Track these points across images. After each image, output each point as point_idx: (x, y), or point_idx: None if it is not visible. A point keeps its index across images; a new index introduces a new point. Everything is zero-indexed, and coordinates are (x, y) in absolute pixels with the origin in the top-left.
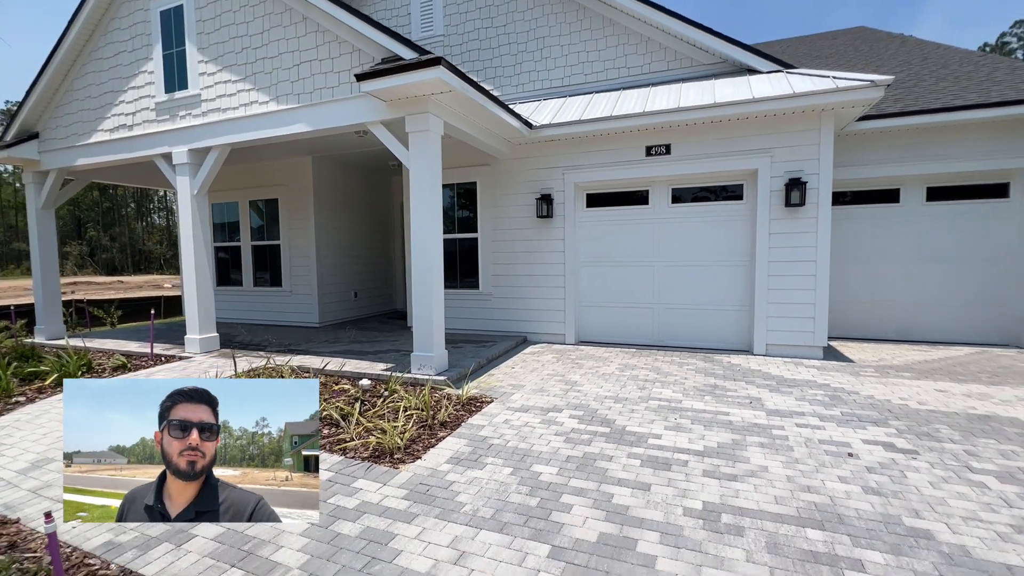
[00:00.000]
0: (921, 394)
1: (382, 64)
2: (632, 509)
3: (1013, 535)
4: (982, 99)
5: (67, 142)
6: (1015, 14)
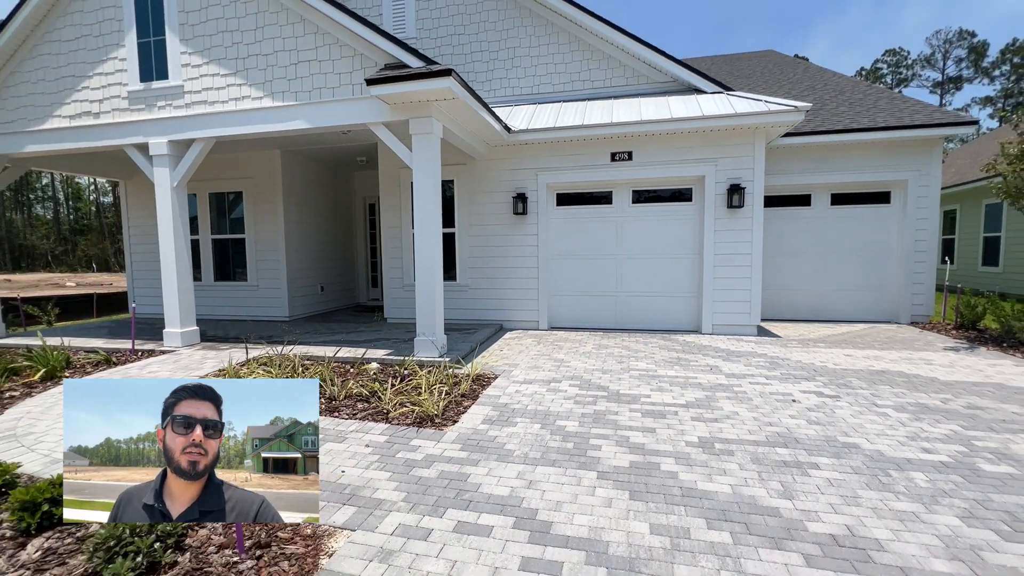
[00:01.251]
0: (834, 358)
1: (394, 71)
2: (647, 445)
3: (908, 442)
4: (870, 124)
5: (12, 127)
6: (886, 43)
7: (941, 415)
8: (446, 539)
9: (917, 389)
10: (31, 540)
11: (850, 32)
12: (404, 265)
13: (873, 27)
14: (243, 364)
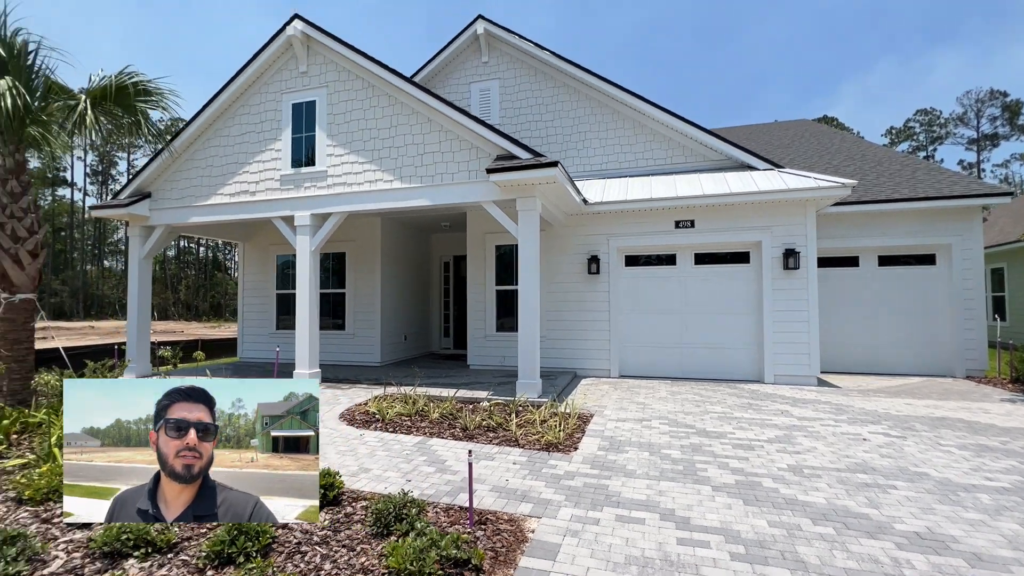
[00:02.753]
0: (895, 406)
1: (508, 162)
2: (745, 468)
3: (972, 472)
4: (911, 194)
5: (181, 202)
6: (914, 101)
7: (1000, 453)
8: (612, 524)
9: (977, 433)
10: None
11: (877, 91)
12: (487, 318)
13: (900, 86)
14: (381, 398)
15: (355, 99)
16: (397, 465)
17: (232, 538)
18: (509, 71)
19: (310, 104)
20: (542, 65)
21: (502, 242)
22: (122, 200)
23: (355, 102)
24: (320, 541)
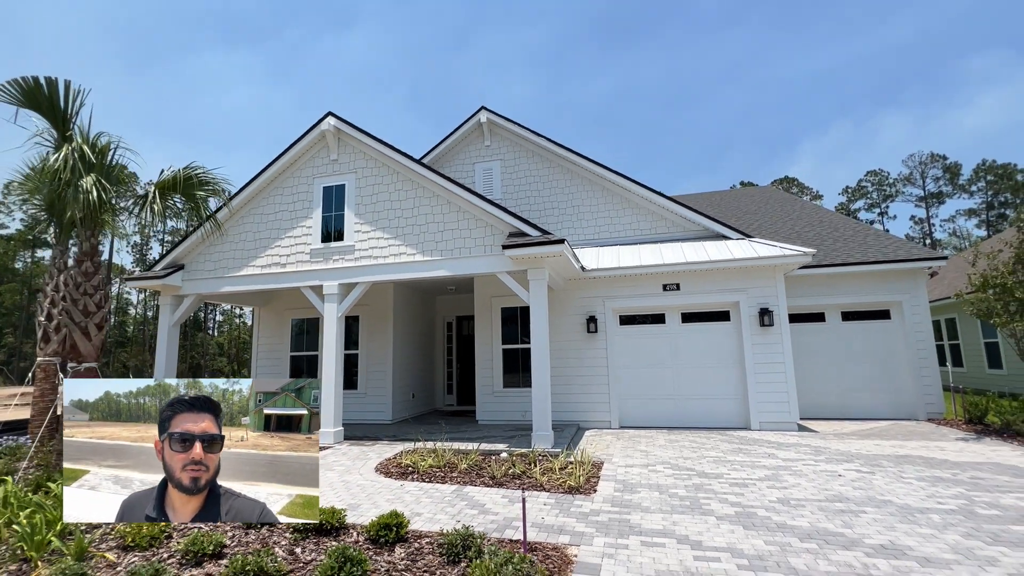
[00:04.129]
0: (866, 447)
1: (521, 238)
2: (741, 502)
3: (927, 498)
4: (862, 258)
5: (214, 273)
6: (868, 160)
7: (951, 483)
8: (639, 548)
9: (933, 467)
10: (394, 548)
11: (833, 151)
12: (494, 375)
13: (854, 146)
14: (412, 452)
15: (381, 183)
16: (443, 509)
17: (340, 566)
18: (509, 153)
19: (339, 187)
20: (538, 148)
21: (508, 304)
22: (157, 272)
23: (381, 185)
24: (404, 569)
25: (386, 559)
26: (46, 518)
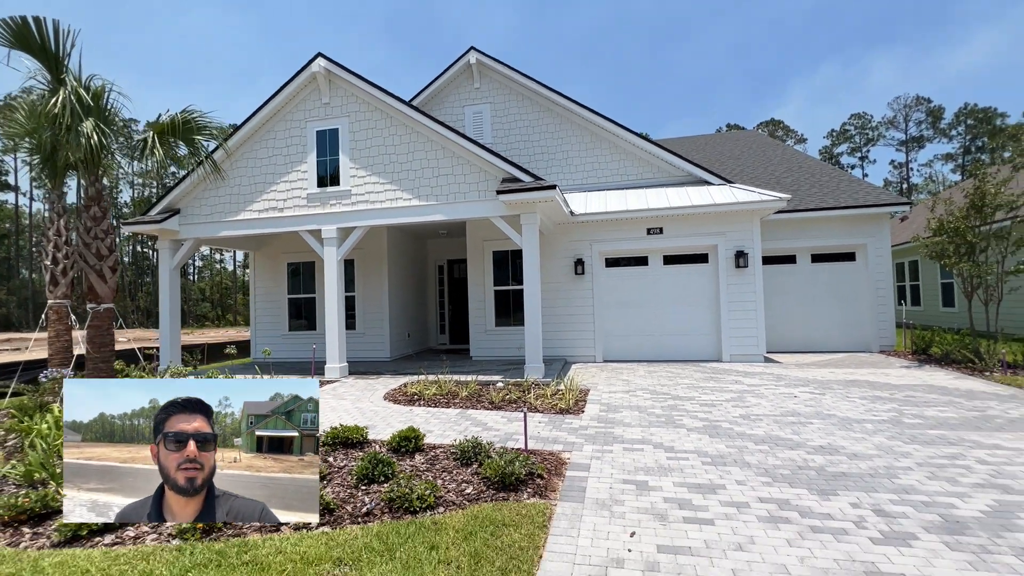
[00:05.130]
0: (821, 374)
1: (514, 183)
2: (709, 418)
3: (865, 412)
4: (835, 203)
5: (211, 218)
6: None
7: (887, 400)
8: (621, 452)
9: (876, 389)
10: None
11: (821, 92)
12: (487, 315)
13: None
14: (415, 383)
15: (375, 127)
16: (451, 427)
17: (373, 467)
18: (499, 96)
19: (333, 131)
20: (528, 91)
21: (499, 248)
22: (154, 216)
23: (375, 130)
24: (425, 470)
25: (408, 463)
26: None
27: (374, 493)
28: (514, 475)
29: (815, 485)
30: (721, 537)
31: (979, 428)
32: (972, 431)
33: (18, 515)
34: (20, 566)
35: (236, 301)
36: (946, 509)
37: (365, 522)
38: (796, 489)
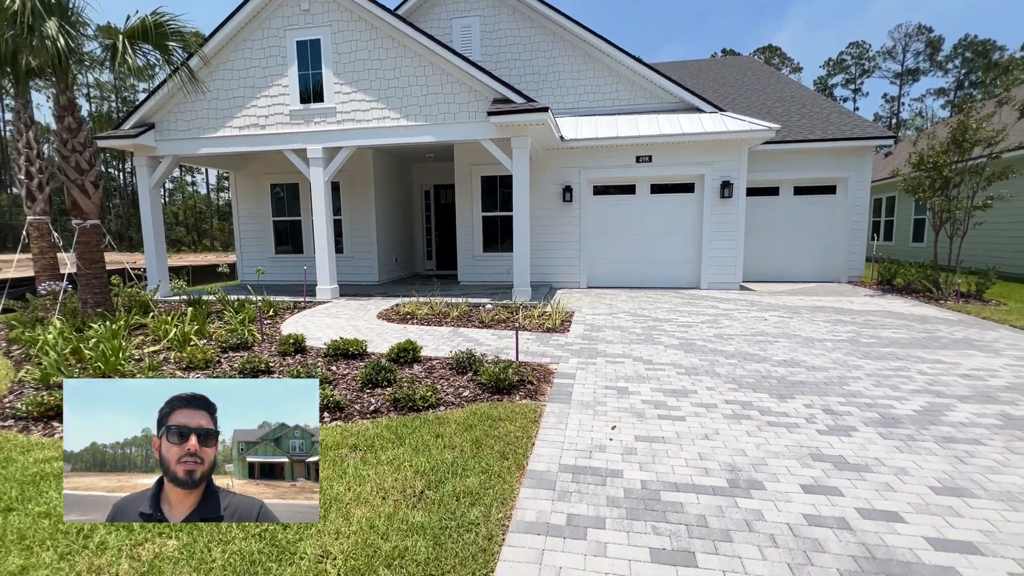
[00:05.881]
0: (792, 301)
1: (506, 105)
2: (685, 336)
3: (827, 333)
4: (822, 135)
5: (189, 134)
6: (854, 35)
7: (848, 323)
8: (604, 364)
9: (839, 314)
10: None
11: (823, 15)
12: (475, 241)
13: (845, 11)
14: (407, 304)
15: (359, 39)
16: (444, 343)
17: (376, 372)
18: (489, 9)
19: (315, 42)
20: (520, 5)
21: (487, 173)
22: (128, 131)
23: (359, 42)
24: (424, 378)
25: (407, 372)
26: (109, 348)
27: (378, 395)
28: (507, 380)
29: (775, 391)
30: (690, 429)
31: (925, 347)
32: (919, 349)
33: (45, 411)
34: (57, 452)
35: (212, 226)
36: (885, 409)
37: (373, 418)
38: (758, 394)
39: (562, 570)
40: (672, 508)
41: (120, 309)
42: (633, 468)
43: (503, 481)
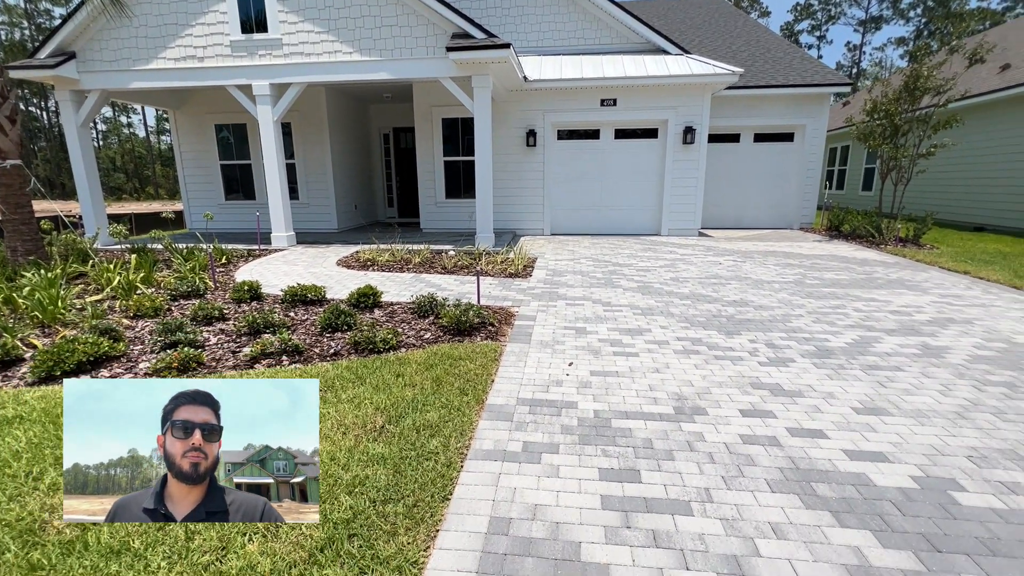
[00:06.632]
0: (746, 246)
1: (466, 40)
2: (644, 280)
3: (776, 276)
4: (784, 82)
5: (117, 65)
6: None
7: (796, 266)
8: (564, 306)
9: (789, 258)
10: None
11: None
12: (436, 187)
13: None
14: (368, 251)
15: None
16: (406, 288)
17: (335, 317)
18: None
19: None
20: None
21: (449, 115)
22: (45, 61)
23: None
24: (385, 321)
25: (368, 317)
26: (46, 296)
27: (338, 339)
28: (468, 323)
29: (724, 328)
30: (643, 364)
31: (863, 287)
32: (857, 289)
33: None
34: (3, 399)
35: (155, 172)
36: (821, 342)
37: (334, 360)
38: (708, 331)
39: (516, 490)
40: (621, 434)
41: (56, 258)
42: (587, 400)
43: (462, 415)
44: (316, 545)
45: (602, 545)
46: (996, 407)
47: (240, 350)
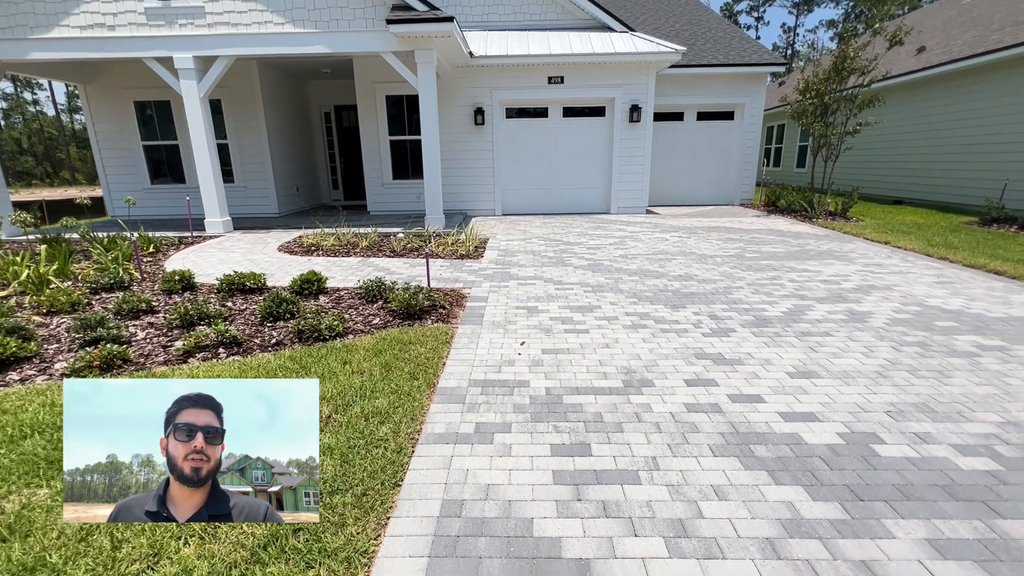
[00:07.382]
0: (690, 223)
1: (409, 13)
2: (594, 258)
3: (718, 250)
4: (724, 60)
5: (12, 33)
6: None
7: (737, 241)
8: (516, 286)
9: (730, 232)
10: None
11: None
12: (383, 167)
13: None
14: (311, 235)
15: None
16: (352, 273)
17: (276, 305)
18: None
19: None
20: None
21: (393, 92)
22: None
23: None
24: (331, 308)
25: (313, 304)
26: None
27: (280, 328)
28: (418, 306)
29: (670, 302)
30: (593, 340)
31: (797, 258)
32: (791, 260)
33: None
34: None
35: (70, 155)
36: (759, 312)
37: (276, 350)
38: (655, 305)
39: (469, 472)
40: (572, 409)
41: None
42: (539, 378)
43: (413, 400)
44: (259, 543)
45: (554, 519)
46: (911, 365)
47: (172, 344)
